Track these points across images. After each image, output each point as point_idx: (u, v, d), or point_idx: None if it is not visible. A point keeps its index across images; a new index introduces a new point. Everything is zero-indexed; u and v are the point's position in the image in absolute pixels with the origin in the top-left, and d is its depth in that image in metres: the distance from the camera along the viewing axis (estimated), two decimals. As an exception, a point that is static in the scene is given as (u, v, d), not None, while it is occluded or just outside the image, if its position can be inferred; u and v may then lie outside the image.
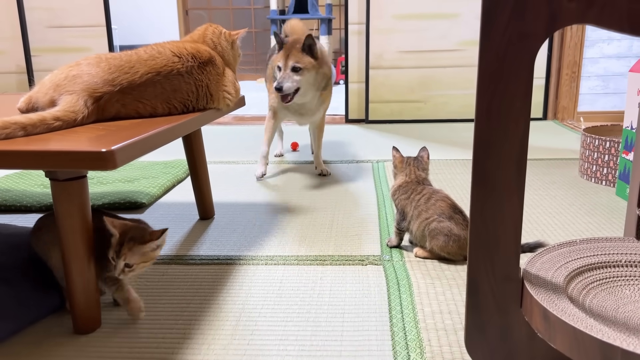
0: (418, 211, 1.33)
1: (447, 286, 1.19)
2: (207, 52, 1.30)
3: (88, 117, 1.07)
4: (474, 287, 0.83)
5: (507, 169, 0.77)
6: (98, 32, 3.37)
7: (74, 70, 1.10)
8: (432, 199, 1.33)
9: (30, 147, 0.87)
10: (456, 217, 1.31)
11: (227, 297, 1.16)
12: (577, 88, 3.21)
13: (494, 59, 0.75)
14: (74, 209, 0.96)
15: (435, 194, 1.35)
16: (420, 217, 1.33)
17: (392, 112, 3.31)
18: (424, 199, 1.34)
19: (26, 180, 2.03)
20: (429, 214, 1.32)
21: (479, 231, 0.80)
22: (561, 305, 0.76)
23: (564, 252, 0.93)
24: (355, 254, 1.37)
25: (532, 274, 0.84)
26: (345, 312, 1.09)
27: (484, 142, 0.77)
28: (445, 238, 1.29)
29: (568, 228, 1.52)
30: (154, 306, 1.13)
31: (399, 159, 1.43)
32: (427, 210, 1.32)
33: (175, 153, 2.56)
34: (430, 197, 1.34)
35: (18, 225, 1.43)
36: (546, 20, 0.73)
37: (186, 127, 1.16)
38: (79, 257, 0.99)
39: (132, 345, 0.99)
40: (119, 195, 1.77)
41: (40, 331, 1.04)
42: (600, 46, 3.15)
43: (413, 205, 1.35)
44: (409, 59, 3.23)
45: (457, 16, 3.14)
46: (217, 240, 1.48)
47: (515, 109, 0.76)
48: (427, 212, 1.32)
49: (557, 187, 1.91)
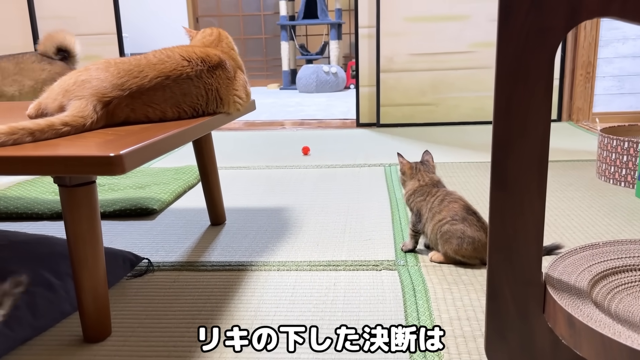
0: (432, 213, 1.31)
1: (464, 291, 1.16)
2: (217, 56, 1.28)
3: (97, 122, 1.05)
4: (494, 292, 0.80)
5: (528, 169, 0.74)
6: (109, 40, 3.38)
7: (83, 75, 1.09)
8: (446, 201, 1.31)
9: (38, 152, 0.86)
10: (470, 218, 1.27)
11: (239, 304, 1.14)
12: (592, 89, 3.16)
13: (512, 55, 0.72)
14: (83, 215, 0.95)
15: (448, 196, 1.32)
16: (434, 219, 1.30)
17: (404, 116, 3.28)
18: (437, 200, 1.32)
19: (37, 188, 2.03)
20: (442, 216, 1.29)
21: (498, 234, 0.77)
22: (586, 311, 0.73)
23: (587, 255, 0.90)
24: (369, 259, 1.34)
25: (554, 278, 0.81)
26: (360, 319, 1.06)
27: (504, 143, 0.74)
28: (459, 241, 1.25)
29: (587, 230, 1.48)
30: (165, 314, 1.11)
31: (407, 165, 1.40)
32: (440, 212, 1.29)
33: (186, 159, 2.55)
34: (444, 199, 1.31)
35: (29, 233, 1.42)
36: (566, 14, 0.70)
37: (196, 131, 1.14)
38: (88, 264, 0.97)
39: (143, 353, 0.97)
40: (130, 202, 1.76)
41: (51, 339, 1.02)
42: (615, 46, 3.10)
43: (428, 207, 1.32)
44: (420, 61, 3.20)
45: (469, 18, 3.11)
46: (229, 246, 1.46)
47: (535, 107, 0.73)
48: (440, 214, 1.29)
49: (575, 189, 1.87)
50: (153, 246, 1.47)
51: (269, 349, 0.95)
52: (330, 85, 5.58)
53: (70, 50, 2.10)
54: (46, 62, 2.05)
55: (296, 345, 0.96)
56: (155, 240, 1.52)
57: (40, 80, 2.01)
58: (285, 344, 0.95)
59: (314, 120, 3.70)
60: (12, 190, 2.00)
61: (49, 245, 1.27)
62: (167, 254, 1.42)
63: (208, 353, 0.96)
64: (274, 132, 3.24)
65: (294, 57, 6.16)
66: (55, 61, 2.07)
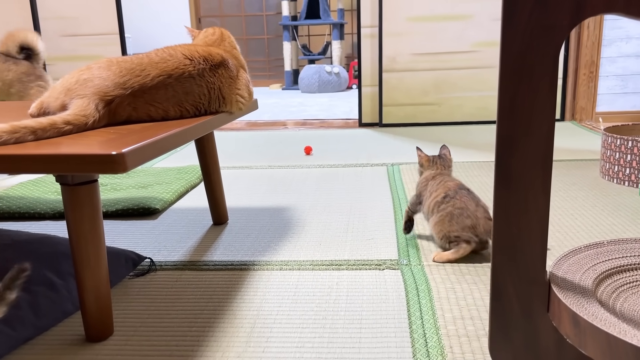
0: (429, 192, 1.38)
1: (467, 291, 1.15)
2: (219, 54, 1.28)
3: (99, 121, 1.05)
4: (498, 291, 0.80)
5: (532, 167, 0.74)
6: (111, 40, 3.39)
7: (85, 74, 1.09)
8: (443, 181, 1.38)
9: (40, 151, 0.86)
10: (462, 192, 1.33)
11: (242, 303, 1.14)
12: (595, 88, 3.15)
13: (517, 53, 0.72)
14: (85, 214, 0.95)
15: (447, 177, 1.40)
16: (430, 197, 1.37)
17: (406, 115, 3.27)
18: (437, 182, 1.39)
19: (40, 188, 2.03)
20: (437, 193, 1.35)
21: (503, 233, 0.77)
22: (591, 310, 0.72)
23: (591, 254, 0.89)
24: (372, 259, 1.33)
25: (559, 277, 0.81)
26: (362, 319, 1.06)
27: (508, 141, 0.74)
28: (450, 211, 1.30)
29: (591, 230, 1.47)
30: (167, 313, 1.11)
31: (425, 158, 1.49)
32: (436, 190, 1.36)
33: (189, 158, 2.55)
34: (442, 180, 1.39)
35: (32, 232, 1.42)
36: (571, 11, 0.70)
37: (198, 130, 1.14)
38: (90, 263, 0.97)
39: (145, 352, 0.97)
40: (133, 202, 1.76)
41: (53, 339, 1.02)
42: (619, 45, 3.09)
43: (428, 189, 1.39)
44: (423, 61, 3.19)
45: (471, 17, 3.11)
46: (231, 246, 1.45)
47: (539, 105, 0.72)
48: (436, 191, 1.36)
49: (578, 188, 1.86)
50: (155, 245, 1.47)
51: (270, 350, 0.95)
52: (333, 85, 5.57)
53: (33, 49, 2.10)
54: (11, 62, 2.04)
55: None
56: (158, 239, 1.52)
57: (7, 81, 2.01)
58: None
59: (316, 120, 3.69)
60: (15, 190, 2.00)
61: (51, 244, 1.26)
62: (169, 253, 1.42)
63: (210, 352, 0.96)
64: (276, 132, 3.24)
65: (297, 57, 6.16)
66: (20, 61, 2.07)
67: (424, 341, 0.97)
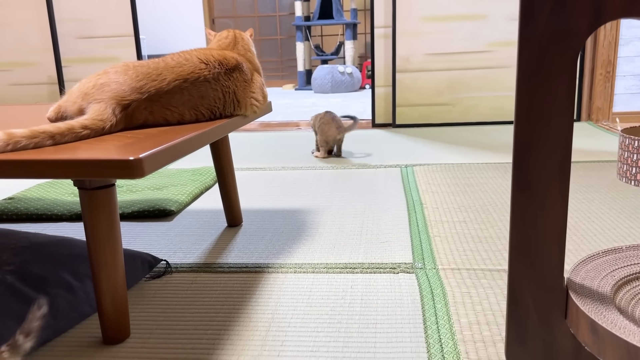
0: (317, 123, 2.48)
1: (483, 295, 1.15)
2: (234, 58, 1.28)
3: (116, 125, 1.06)
4: (515, 297, 0.79)
5: (550, 172, 0.73)
6: (126, 42, 3.41)
7: (102, 78, 1.10)
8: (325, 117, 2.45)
9: (58, 156, 0.87)
10: (326, 117, 2.43)
11: (256, 306, 1.14)
12: (612, 88, 3.11)
13: (534, 57, 0.71)
14: (102, 218, 0.96)
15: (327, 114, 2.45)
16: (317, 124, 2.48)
17: (420, 116, 3.26)
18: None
19: (57, 189, 2.05)
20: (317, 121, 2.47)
21: (520, 237, 0.76)
22: (610, 317, 0.71)
23: (610, 259, 0.88)
24: (386, 262, 1.33)
25: (577, 284, 0.80)
26: (377, 323, 1.06)
27: (525, 145, 0.73)
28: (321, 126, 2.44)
29: (609, 233, 1.46)
30: (183, 316, 1.12)
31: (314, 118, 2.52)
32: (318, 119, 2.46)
33: (203, 160, 2.56)
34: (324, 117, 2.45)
35: (49, 234, 1.43)
36: (590, 16, 0.69)
37: (214, 134, 1.14)
38: (107, 266, 0.98)
39: (161, 355, 0.98)
40: (148, 203, 1.77)
41: (70, 340, 1.03)
42: (636, 44, 3.05)
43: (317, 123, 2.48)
44: (437, 61, 3.18)
45: (486, 17, 3.08)
46: (246, 248, 1.46)
47: (557, 110, 0.72)
48: (318, 120, 2.46)
49: (595, 190, 1.84)
50: (171, 247, 1.48)
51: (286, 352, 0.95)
52: (346, 86, 5.57)
53: None
54: None
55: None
56: (173, 241, 1.53)
57: None
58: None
59: (329, 120, 3.69)
60: (32, 191, 2.03)
61: (68, 246, 1.28)
62: (184, 255, 1.43)
63: (226, 356, 0.97)
64: (289, 133, 3.24)
65: (309, 57, 6.16)
66: None
67: (439, 346, 0.96)
